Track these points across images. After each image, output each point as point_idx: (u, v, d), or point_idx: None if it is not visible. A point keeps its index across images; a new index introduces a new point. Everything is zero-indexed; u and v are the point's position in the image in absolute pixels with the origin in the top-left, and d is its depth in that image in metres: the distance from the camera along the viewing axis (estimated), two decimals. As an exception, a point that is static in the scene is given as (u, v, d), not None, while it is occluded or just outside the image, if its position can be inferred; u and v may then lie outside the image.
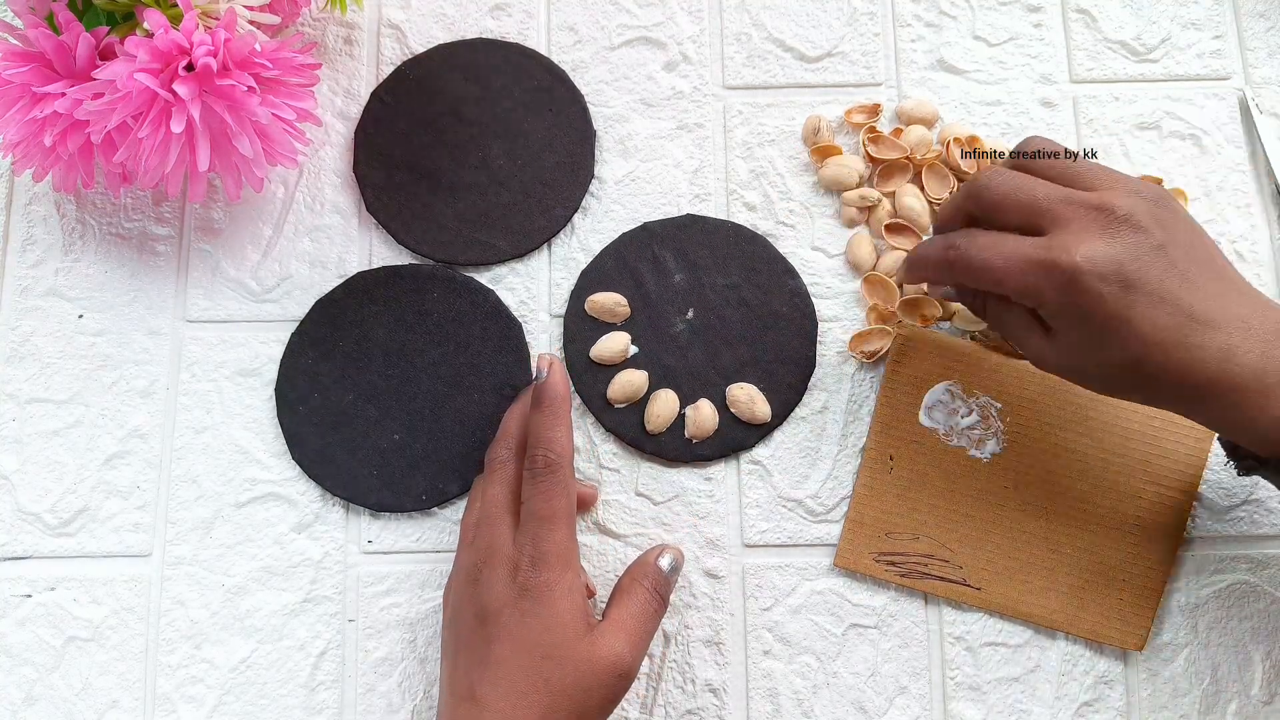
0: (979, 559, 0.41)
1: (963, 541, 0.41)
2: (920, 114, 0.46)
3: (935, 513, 0.42)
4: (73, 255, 0.46)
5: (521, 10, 0.48)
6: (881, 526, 0.42)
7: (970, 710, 0.41)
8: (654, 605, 0.37)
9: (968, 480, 0.42)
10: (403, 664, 0.42)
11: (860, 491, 0.42)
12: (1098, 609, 0.41)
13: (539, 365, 0.39)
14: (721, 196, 0.46)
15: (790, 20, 0.48)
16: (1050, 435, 0.42)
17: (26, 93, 0.39)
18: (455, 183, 0.46)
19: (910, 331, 0.43)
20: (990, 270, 0.34)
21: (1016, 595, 0.41)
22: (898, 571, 0.41)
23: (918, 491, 0.42)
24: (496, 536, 0.37)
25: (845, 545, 0.42)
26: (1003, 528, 0.41)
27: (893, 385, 0.43)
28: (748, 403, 0.43)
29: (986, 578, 0.41)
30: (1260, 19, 0.48)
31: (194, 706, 0.41)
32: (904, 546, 0.41)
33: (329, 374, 0.44)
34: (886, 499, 0.42)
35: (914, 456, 0.42)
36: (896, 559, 0.41)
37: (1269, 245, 0.45)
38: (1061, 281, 0.32)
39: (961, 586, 0.41)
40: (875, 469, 0.42)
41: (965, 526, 0.42)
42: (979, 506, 0.42)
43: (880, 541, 0.42)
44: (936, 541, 0.41)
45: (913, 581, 0.41)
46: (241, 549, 0.43)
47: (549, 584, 0.35)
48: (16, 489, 0.43)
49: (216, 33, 0.38)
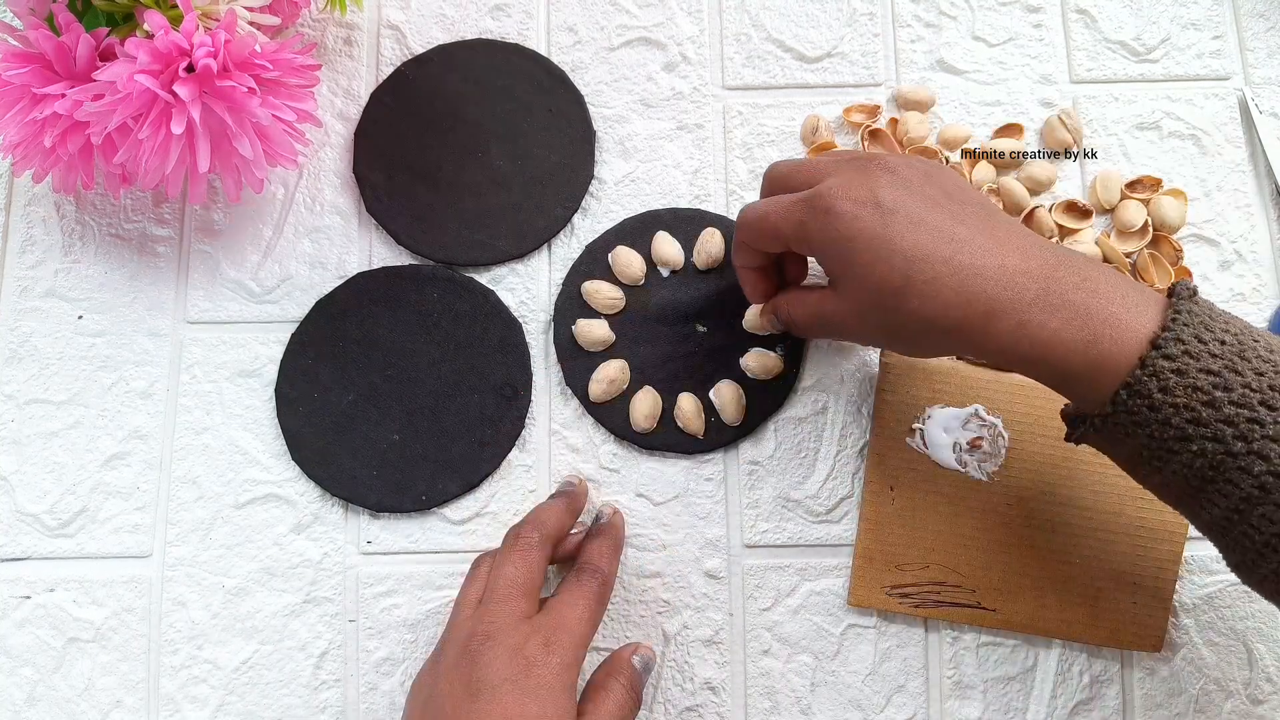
0: (990, 580, 0.41)
1: (972, 564, 0.41)
2: (916, 98, 0.46)
3: (941, 538, 0.42)
4: (72, 256, 0.46)
5: (521, 11, 0.48)
6: (891, 559, 0.42)
7: (967, 709, 0.41)
8: (630, 704, 0.37)
9: (970, 501, 0.42)
10: (405, 664, 0.42)
11: (865, 526, 0.42)
12: (1113, 615, 0.41)
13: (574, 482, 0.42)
14: (721, 197, 0.46)
15: (790, 21, 0.48)
16: (1046, 447, 0.42)
17: (26, 94, 0.39)
18: (455, 183, 0.46)
19: (896, 359, 0.43)
20: (764, 219, 0.36)
21: (1032, 612, 0.41)
22: (912, 603, 0.41)
23: (922, 519, 0.42)
24: (507, 614, 0.35)
25: (857, 583, 0.42)
26: (1010, 546, 0.41)
27: (884, 414, 0.43)
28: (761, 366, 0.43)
29: (1000, 598, 0.41)
30: (1260, 19, 0.48)
31: (198, 706, 0.41)
32: (915, 577, 0.41)
33: (329, 374, 0.44)
34: (892, 530, 0.42)
35: (914, 484, 0.42)
36: (909, 590, 0.41)
37: (1269, 245, 0.45)
38: (820, 208, 0.34)
39: (977, 610, 0.41)
40: (877, 501, 0.42)
41: (972, 549, 0.41)
42: (984, 527, 0.42)
43: (891, 574, 0.41)
44: (946, 567, 0.41)
45: (928, 611, 0.41)
46: (241, 550, 0.43)
47: (557, 669, 0.34)
48: (15, 490, 0.43)
49: (217, 34, 0.38)
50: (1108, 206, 0.45)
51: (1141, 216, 0.44)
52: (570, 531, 0.40)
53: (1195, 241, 0.45)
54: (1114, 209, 0.45)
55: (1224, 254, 0.45)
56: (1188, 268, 0.44)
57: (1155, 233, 0.45)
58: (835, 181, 0.34)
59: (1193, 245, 0.45)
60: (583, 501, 0.42)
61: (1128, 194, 0.45)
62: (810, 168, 0.37)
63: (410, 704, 0.36)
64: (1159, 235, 0.45)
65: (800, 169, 0.37)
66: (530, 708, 0.33)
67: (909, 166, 0.35)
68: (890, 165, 0.34)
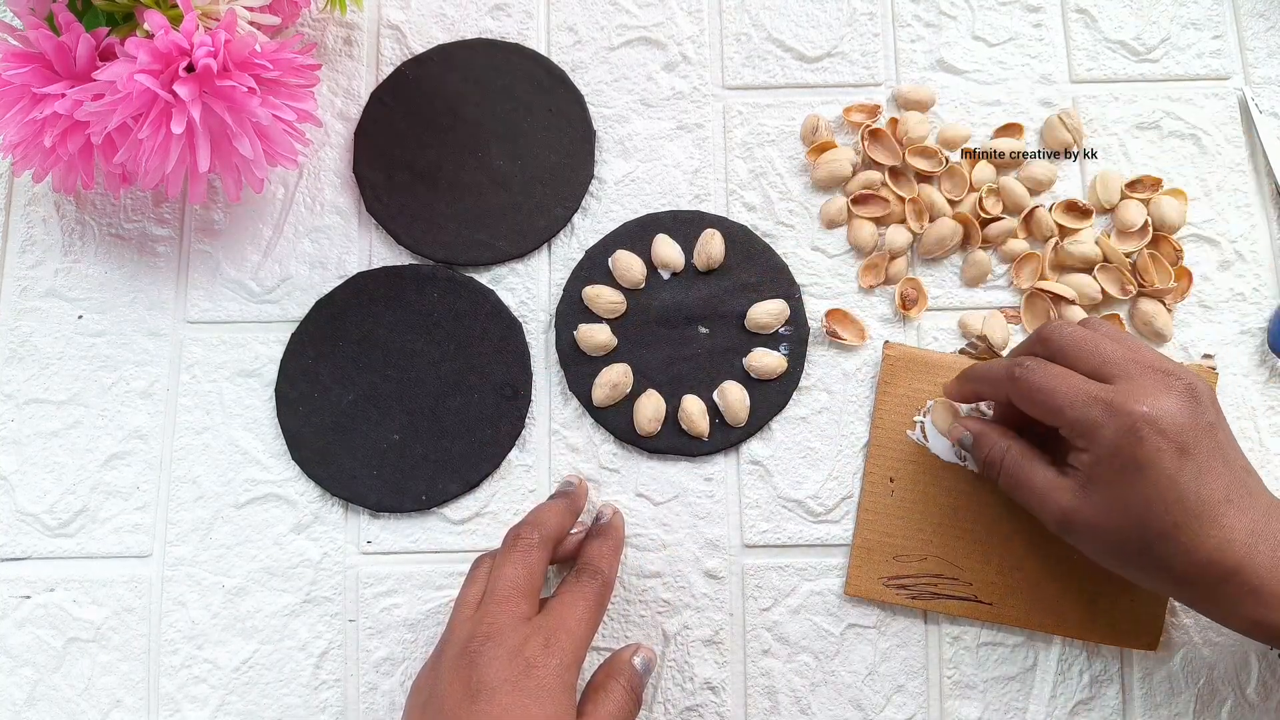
0: (987, 574, 0.41)
1: (970, 558, 0.41)
2: (916, 98, 0.46)
3: (940, 531, 0.42)
4: (72, 256, 0.46)
5: (521, 10, 0.48)
6: (889, 550, 0.42)
7: (967, 709, 0.41)
8: (630, 705, 0.36)
9: (970, 496, 0.42)
10: (404, 664, 0.42)
11: (864, 517, 0.42)
12: (1110, 613, 0.41)
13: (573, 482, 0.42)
14: (721, 197, 0.46)
15: (790, 20, 0.48)
16: None
17: (26, 93, 0.39)
18: (455, 183, 0.46)
19: (898, 352, 0.43)
20: (1053, 395, 0.35)
21: (1028, 607, 0.41)
22: (908, 594, 0.41)
23: (921, 511, 0.42)
24: (507, 615, 0.35)
25: (854, 573, 0.42)
26: (1008, 540, 0.41)
27: (885, 406, 0.43)
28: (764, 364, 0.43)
29: (997, 592, 0.41)
30: (1260, 19, 0.48)
31: (198, 706, 0.41)
32: (912, 568, 0.41)
33: (329, 374, 0.44)
34: (891, 522, 0.42)
35: (914, 476, 0.42)
36: (906, 581, 0.41)
37: (1269, 245, 0.45)
38: (1124, 425, 0.33)
39: (973, 604, 0.41)
40: (877, 492, 0.42)
41: (971, 543, 0.41)
42: (983, 522, 0.42)
43: (889, 565, 0.41)
44: (944, 560, 0.41)
45: (924, 603, 0.41)
46: (241, 550, 0.43)
47: (556, 670, 0.34)
48: (15, 490, 0.43)
49: (217, 34, 0.37)
50: (1108, 206, 0.45)
51: (1141, 216, 0.44)
52: (570, 532, 0.40)
53: (1195, 241, 0.45)
54: (1114, 209, 0.45)
55: (1224, 254, 0.45)
56: (1188, 268, 0.44)
57: (1155, 233, 0.45)
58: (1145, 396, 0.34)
59: (1193, 245, 0.45)
60: (583, 502, 0.42)
61: (1128, 194, 0.45)
62: (1102, 353, 0.35)
63: (410, 704, 0.36)
64: (1159, 235, 0.45)
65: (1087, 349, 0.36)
66: (530, 709, 0.33)
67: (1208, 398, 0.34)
68: (1197, 395, 0.34)
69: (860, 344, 0.44)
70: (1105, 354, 0.35)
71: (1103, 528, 0.34)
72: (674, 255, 0.44)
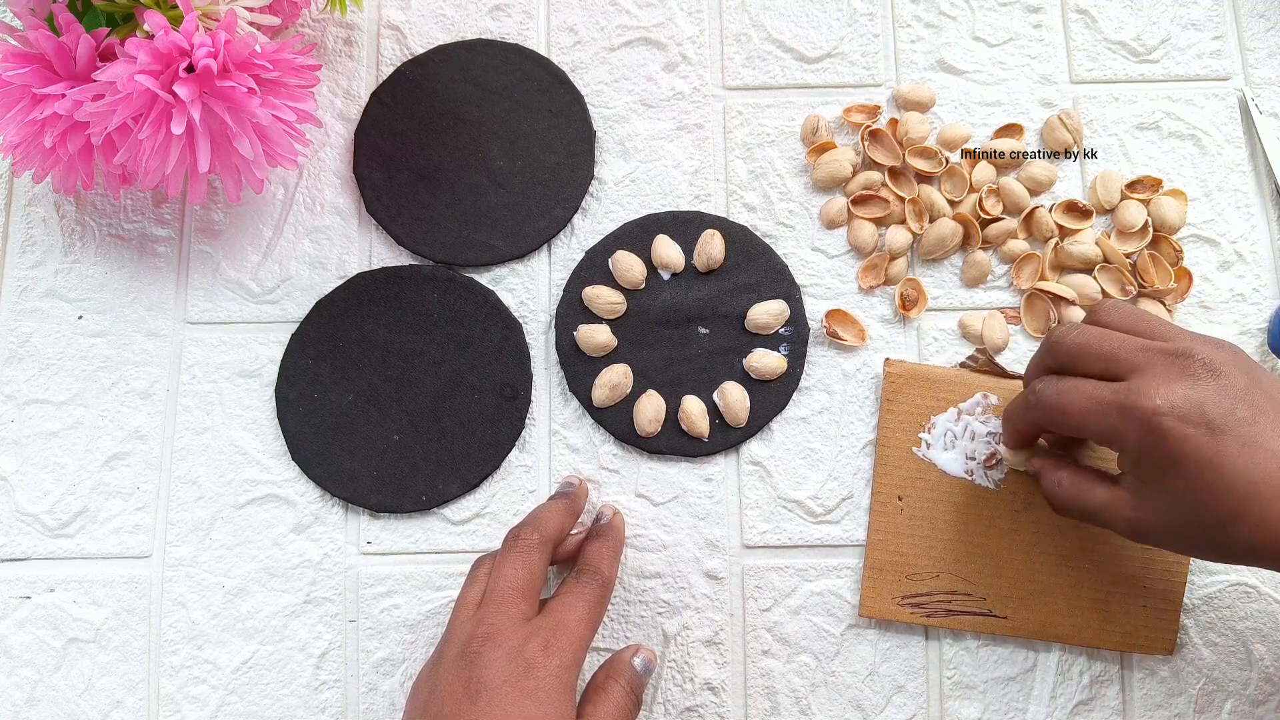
0: (1000, 587, 0.41)
1: (981, 572, 0.41)
2: (916, 98, 0.46)
3: (951, 547, 0.41)
4: (72, 256, 0.46)
5: (521, 11, 0.48)
6: (901, 569, 0.41)
7: (967, 709, 0.41)
8: (630, 706, 0.36)
9: (979, 510, 0.42)
10: (404, 664, 0.42)
11: (874, 537, 0.42)
12: (1124, 619, 0.41)
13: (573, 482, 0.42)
14: (721, 197, 0.46)
15: (790, 21, 0.48)
16: None
17: (27, 94, 0.39)
18: (455, 183, 0.46)
19: (900, 369, 0.43)
20: (1068, 413, 0.34)
21: (1043, 618, 0.41)
22: (923, 613, 0.41)
23: (932, 528, 0.42)
24: (506, 616, 0.35)
25: (868, 593, 0.41)
26: (1019, 552, 0.41)
27: (889, 424, 0.43)
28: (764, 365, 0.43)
29: (1011, 605, 0.41)
30: (1260, 19, 0.48)
31: (197, 706, 0.41)
32: (926, 586, 0.41)
33: (329, 374, 0.44)
34: (902, 540, 0.42)
35: (922, 494, 0.42)
36: (921, 600, 0.41)
37: (1269, 245, 0.45)
38: (1142, 425, 0.32)
39: (988, 618, 0.41)
40: (886, 511, 0.42)
41: (982, 557, 0.41)
42: (993, 535, 0.41)
43: (902, 584, 0.41)
44: (957, 576, 0.41)
45: (939, 621, 0.41)
46: (241, 550, 0.43)
47: (556, 671, 0.34)
48: (15, 490, 0.43)
49: (217, 34, 0.37)
50: (1108, 207, 0.45)
51: (1142, 217, 0.44)
52: (570, 532, 0.40)
53: (1195, 241, 0.45)
54: (1114, 209, 0.45)
55: (1224, 254, 0.45)
56: (1188, 268, 0.44)
57: (1155, 233, 0.45)
58: (1155, 388, 0.32)
59: (1193, 245, 0.45)
60: (583, 502, 0.42)
61: (1128, 194, 0.45)
62: (1109, 350, 0.34)
63: (410, 705, 0.36)
64: (1159, 235, 0.45)
65: (1094, 350, 0.34)
66: (529, 709, 0.33)
67: (1232, 364, 0.32)
68: (1212, 365, 0.32)
69: (860, 345, 0.44)
70: (1112, 351, 0.34)
71: (1168, 529, 0.33)
72: (674, 256, 0.44)
